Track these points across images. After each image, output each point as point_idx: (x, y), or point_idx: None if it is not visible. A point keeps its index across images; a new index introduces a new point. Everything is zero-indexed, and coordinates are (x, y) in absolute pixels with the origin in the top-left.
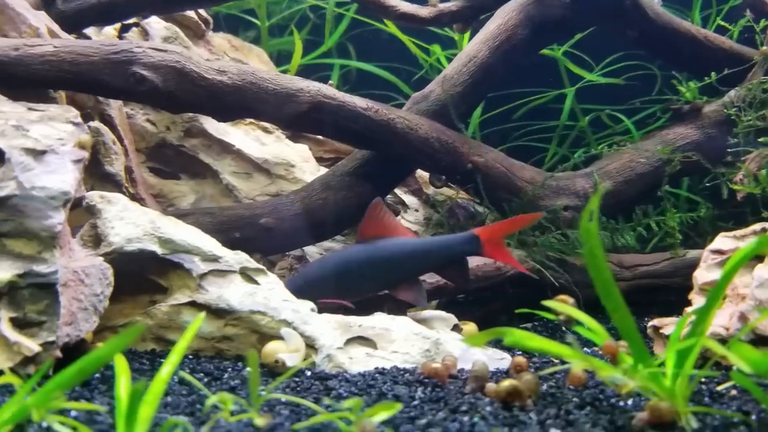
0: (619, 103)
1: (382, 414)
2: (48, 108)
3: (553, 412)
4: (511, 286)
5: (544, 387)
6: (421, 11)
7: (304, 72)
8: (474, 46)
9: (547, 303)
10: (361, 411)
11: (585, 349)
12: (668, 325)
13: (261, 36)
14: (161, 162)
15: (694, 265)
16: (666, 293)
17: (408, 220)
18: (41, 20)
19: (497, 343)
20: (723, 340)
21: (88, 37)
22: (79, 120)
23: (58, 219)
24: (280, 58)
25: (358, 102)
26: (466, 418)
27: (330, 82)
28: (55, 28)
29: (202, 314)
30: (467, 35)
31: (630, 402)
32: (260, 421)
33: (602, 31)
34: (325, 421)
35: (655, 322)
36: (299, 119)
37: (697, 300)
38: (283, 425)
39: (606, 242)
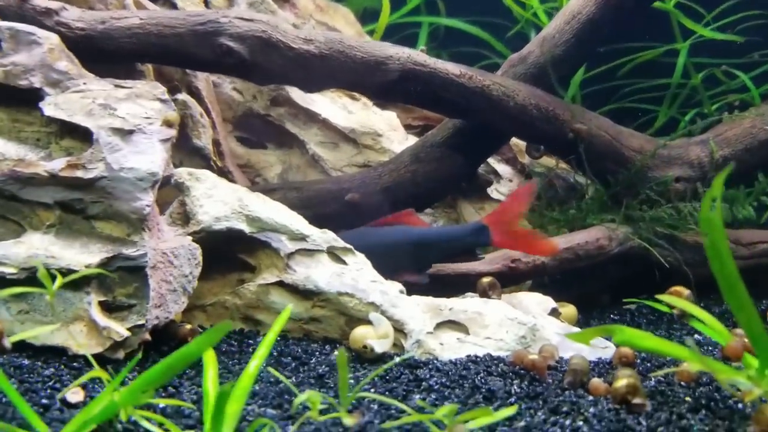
0: (735, 57)
1: (478, 421)
2: (135, 84)
3: (665, 417)
4: (614, 265)
5: (653, 382)
6: None
7: (391, 31)
8: (578, 2)
9: (662, 297)
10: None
11: (697, 336)
12: None
13: None
14: (249, 131)
15: None
16: None
17: (496, 196)
18: None
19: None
20: None
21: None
22: (166, 96)
23: (147, 201)
24: (365, 17)
25: (451, 68)
26: (567, 422)
27: (421, 48)
28: None
29: (290, 306)
30: None
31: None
32: (349, 420)
33: None
34: (416, 422)
35: None
36: (389, 88)
37: None
38: (372, 423)
39: (725, 215)
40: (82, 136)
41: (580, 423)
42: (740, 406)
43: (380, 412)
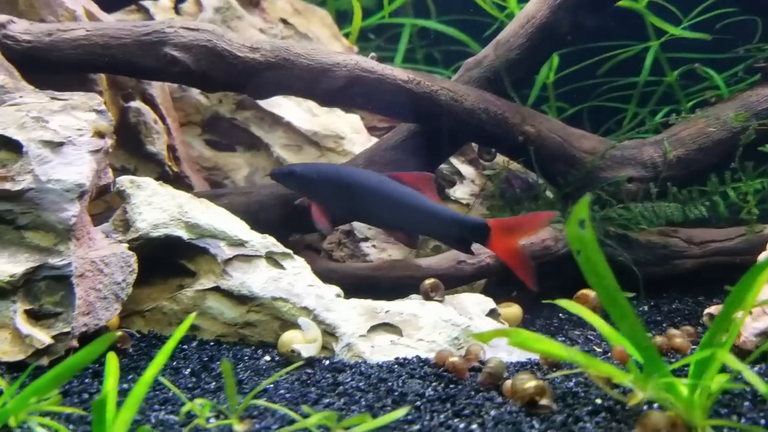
0: (718, 53)
1: (359, 427)
2: (72, 96)
3: (560, 420)
4: (568, 264)
5: (572, 383)
6: None
7: (377, 31)
8: (533, 6)
9: (561, 302)
10: (351, 415)
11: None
12: None
13: None
14: (217, 134)
15: None
16: (741, 272)
17: (456, 197)
18: (78, 2)
19: (546, 324)
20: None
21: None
22: (103, 107)
23: (74, 211)
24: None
25: (399, 74)
26: (462, 425)
27: (372, 54)
28: (94, 9)
29: (193, 315)
30: None
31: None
32: (240, 427)
33: None
34: (308, 428)
35: (712, 309)
36: (336, 95)
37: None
38: (269, 429)
39: (677, 215)
40: (16, 148)
41: (475, 426)
42: (645, 407)
43: (284, 417)
